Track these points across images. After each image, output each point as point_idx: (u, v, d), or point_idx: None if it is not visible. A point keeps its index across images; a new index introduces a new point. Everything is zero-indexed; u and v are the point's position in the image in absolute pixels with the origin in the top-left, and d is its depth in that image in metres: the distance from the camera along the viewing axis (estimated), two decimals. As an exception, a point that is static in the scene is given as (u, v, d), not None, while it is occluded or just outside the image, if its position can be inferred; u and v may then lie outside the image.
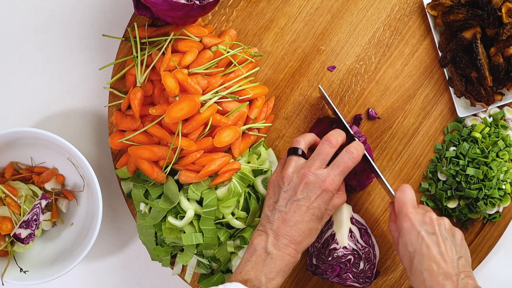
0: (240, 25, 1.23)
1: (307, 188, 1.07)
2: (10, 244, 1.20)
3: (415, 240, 1.06)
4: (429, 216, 1.07)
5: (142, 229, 1.20)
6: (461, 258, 1.05)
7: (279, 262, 1.06)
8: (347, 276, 1.15)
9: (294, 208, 1.07)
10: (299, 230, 1.07)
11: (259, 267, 1.05)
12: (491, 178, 1.17)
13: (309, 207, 1.07)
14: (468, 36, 1.16)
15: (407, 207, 1.09)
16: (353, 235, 1.17)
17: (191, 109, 1.11)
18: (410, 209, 1.08)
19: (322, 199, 1.08)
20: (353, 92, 1.23)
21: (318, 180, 1.07)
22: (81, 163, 1.17)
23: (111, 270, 1.30)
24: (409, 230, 1.07)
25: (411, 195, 1.10)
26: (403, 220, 1.08)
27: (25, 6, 1.27)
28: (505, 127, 1.22)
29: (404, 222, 1.08)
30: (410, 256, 1.06)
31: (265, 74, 1.23)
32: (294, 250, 1.07)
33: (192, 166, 1.16)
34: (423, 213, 1.08)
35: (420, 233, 1.06)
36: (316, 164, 1.09)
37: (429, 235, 1.05)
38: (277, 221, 1.07)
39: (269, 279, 1.05)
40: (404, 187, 1.11)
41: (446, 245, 1.05)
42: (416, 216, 1.07)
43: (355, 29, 1.23)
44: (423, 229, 1.06)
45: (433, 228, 1.06)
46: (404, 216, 1.08)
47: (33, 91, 1.27)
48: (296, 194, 1.08)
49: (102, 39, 1.27)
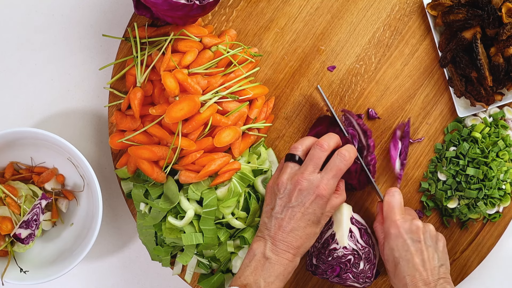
0: (240, 25, 1.23)
1: (301, 194, 1.09)
2: (10, 244, 1.20)
3: (401, 246, 1.11)
4: (416, 225, 1.12)
5: (142, 229, 1.20)
6: (442, 266, 1.10)
7: (278, 267, 1.07)
8: (347, 276, 1.15)
9: (290, 215, 1.08)
10: (296, 236, 1.08)
11: (258, 272, 1.06)
12: (491, 178, 1.17)
13: (304, 213, 1.08)
14: (468, 36, 1.16)
15: (395, 212, 1.13)
16: (353, 235, 1.17)
17: (191, 109, 1.11)
18: (398, 215, 1.13)
19: (317, 204, 1.09)
20: (353, 92, 1.23)
21: (312, 186, 1.09)
22: (81, 163, 1.17)
23: (111, 270, 1.30)
24: (395, 236, 1.11)
25: (399, 199, 1.14)
26: (390, 226, 1.12)
27: (25, 6, 1.27)
28: (505, 127, 1.22)
29: (391, 228, 1.12)
30: (395, 261, 1.11)
31: (265, 74, 1.23)
32: (292, 255, 1.08)
33: (192, 166, 1.16)
34: (410, 221, 1.12)
35: (406, 241, 1.11)
36: (309, 169, 1.10)
37: (414, 242, 1.11)
38: (274, 227, 1.09)
39: (268, 283, 1.06)
40: (393, 190, 1.15)
41: (429, 253, 1.10)
42: (403, 223, 1.12)
43: (355, 29, 1.23)
44: (408, 237, 1.11)
45: (418, 236, 1.11)
46: (391, 222, 1.12)
47: (33, 91, 1.27)
48: (291, 201, 1.09)
49: (102, 39, 1.27)
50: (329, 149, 1.11)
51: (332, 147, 1.12)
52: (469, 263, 1.24)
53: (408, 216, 1.14)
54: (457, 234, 1.24)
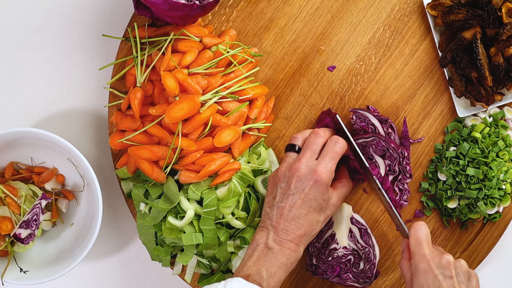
0: (240, 25, 1.23)
1: (300, 180, 1.08)
2: (10, 244, 1.20)
3: (432, 283, 1.05)
4: (447, 259, 1.06)
5: (142, 229, 1.20)
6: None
7: (280, 257, 1.06)
8: (347, 276, 1.15)
9: (290, 203, 1.08)
10: (298, 224, 1.08)
11: (261, 262, 1.06)
12: (491, 178, 1.17)
13: (304, 199, 1.08)
14: (468, 36, 1.16)
15: (423, 247, 1.07)
16: (353, 235, 1.17)
17: (191, 109, 1.11)
18: (427, 250, 1.07)
19: (317, 190, 1.08)
20: (353, 92, 1.23)
21: (309, 171, 1.08)
22: (81, 163, 1.17)
23: (111, 270, 1.30)
24: (426, 272, 1.05)
25: (426, 233, 1.09)
26: (420, 261, 1.06)
27: (25, 6, 1.27)
28: (505, 127, 1.22)
29: (421, 263, 1.06)
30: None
31: (265, 74, 1.23)
32: (295, 245, 1.07)
33: (192, 166, 1.16)
34: (441, 255, 1.07)
35: (438, 276, 1.05)
36: (306, 155, 1.10)
37: (446, 278, 1.05)
38: (275, 216, 1.09)
39: (270, 273, 1.05)
40: (419, 224, 1.09)
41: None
42: (434, 258, 1.06)
43: (355, 29, 1.23)
44: (440, 272, 1.05)
45: (450, 272, 1.05)
46: (421, 256, 1.07)
47: (33, 91, 1.27)
48: (290, 188, 1.09)
49: (102, 39, 1.27)
50: (325, 137, 1.12)
51: (328, 136, 1.12)
52: (469, 263, 1.24)
53: (437, 251, 1.08)
54: (457, 234, 1.24)
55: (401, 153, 1.18)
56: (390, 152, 1.18)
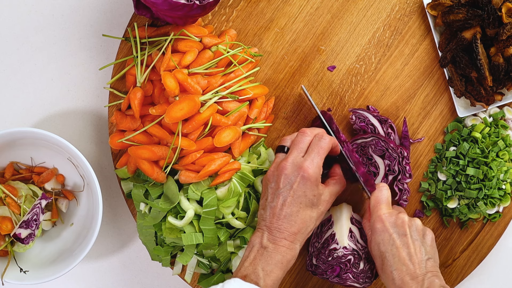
0: (240, 25, 1.23)
1: (287, 178, 1.09)
2: (10, 244, 1.20)
3: (387, 241, 1.10)
4: (401, 218, 1.11)
5: (142, 229, 1.20)
6: (430, 259, 1.09)
7: (275, 255, 1.07)
8: (347, 276, 1.15)
9: (281, 201, 1.09)
10: (291, 222, 1.08)
11: (257, 261, 1.07)
12: (491, 178, 1.17)
13: (294, 196, 1.09)
14: (468, 36, 1.16)
15: (381, 207, 1.13)
16: (353, 235, 1.17)
17: (191, 109, 1.11)
18: (384, 210, 1.13)
19: (305, 185, 1.09)
20: (353, 92, 1.23)
21: (296, 168, 1.09)
22: (81, 163, 1.17)
23: (111, 270, 1.30)
24: (381, 231, 1.11)
25: (386, 194, 1.14)
26: (376, 220, 1.12)
27: (25, 6, 1.27)
28: (505, 127, 1.22)
29: (377, 223, 1.12)
30: (382, 256, 1.10)
31: (265, 74, 1.23)
32: (289, 242, 1.08)
33: (192, 166, 1.16)
34: (396, 215, 1.12)
35: (392, 235, 1.10)
36: (293, 154, 1.11)
37: (400, 236, 1.10)
38: (269, 216, 1.09)
39: (266, 271, 1.06)
40: (381, 186, 1.15)
41: (415, 246, 1.10)
42: (389, 218, 1.12)
43: (355, 29, 1.23)
44: (394, 231, 1.11)
45: (404, 230, 1.10)
46: (377, 217, 1.12)
47: (33, 91, 1.27)
48: (279, 187, 1.10)
49: (102, 39, 1.27)
50: (312, 135, 1.12)
51: (315, 134, 1.13)
52: (469, 263, 1.24)
53: (394, 210, 1.14)
54: (457, 234, 1.24)
55: (400, 153, 1.18)
56: (389, 152, 1.18)
